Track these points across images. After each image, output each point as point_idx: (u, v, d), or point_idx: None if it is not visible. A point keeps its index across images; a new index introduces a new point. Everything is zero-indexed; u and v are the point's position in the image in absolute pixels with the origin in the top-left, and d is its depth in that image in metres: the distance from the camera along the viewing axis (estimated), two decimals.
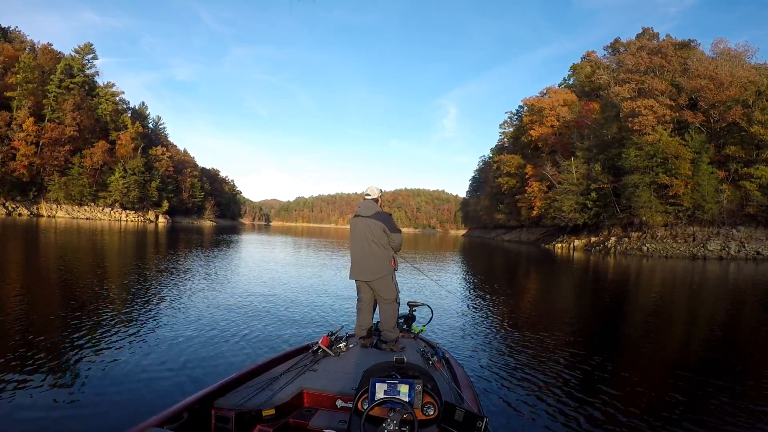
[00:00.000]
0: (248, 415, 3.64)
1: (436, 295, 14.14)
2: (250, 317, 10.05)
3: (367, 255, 5.75)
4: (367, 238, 5.74)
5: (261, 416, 3.70)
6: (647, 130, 53.97)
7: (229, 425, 3.51)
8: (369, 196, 6.03)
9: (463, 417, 3.14)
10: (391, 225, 5.83)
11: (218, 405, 3.67)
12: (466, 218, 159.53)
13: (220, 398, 3.76)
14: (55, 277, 14.51)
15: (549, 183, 71.26)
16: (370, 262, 5.75)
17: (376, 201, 6.02)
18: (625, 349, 9.29)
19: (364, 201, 6.03)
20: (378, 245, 5.74)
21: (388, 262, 5.83)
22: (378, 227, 5.73)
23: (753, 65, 56.08)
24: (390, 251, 5.87)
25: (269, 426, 3.63)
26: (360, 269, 5.84)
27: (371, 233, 5.73)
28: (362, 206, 5.96)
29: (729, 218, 51.07)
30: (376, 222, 5.74)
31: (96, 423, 4.81)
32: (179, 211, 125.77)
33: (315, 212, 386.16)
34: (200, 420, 3.51)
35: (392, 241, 5.85)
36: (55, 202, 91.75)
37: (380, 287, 5.78)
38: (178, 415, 3.32)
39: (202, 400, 3.61)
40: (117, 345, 7.43)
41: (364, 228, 5.76)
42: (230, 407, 3.63)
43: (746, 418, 5.63)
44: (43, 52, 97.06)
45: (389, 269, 5.82)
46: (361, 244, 5.80)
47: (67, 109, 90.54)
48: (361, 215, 5.87)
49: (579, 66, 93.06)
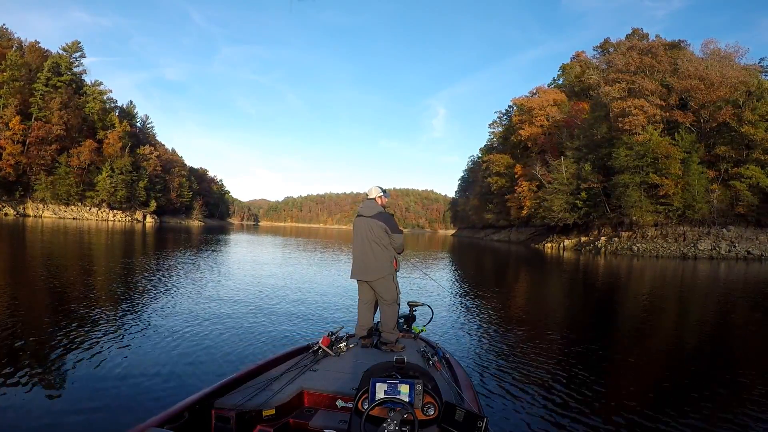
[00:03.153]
0: (248, 415, 3.63)
1: (435, 295, 14.23)
2: (249, 317, 10.06)
3: (368, 255, 5.75)
4: (369, 238, 5.73)
5: (261, 416, 3.69)
6: (637, 130, 54.34)
7: (230, 425, 3.49)
8: (370, 196, 6.01)
9: (463, 417, 3.13)
10: (393, 225, 5.83)
11: (218, 405, 3.65)
12: (455, 218, 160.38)
13: (221, 398, 3.74)
14: (45, 279, 14.28)
15: (538, 182, 71.46)
16: (371, 263, 5.74)
17: (378, 201, 5.98)
18: (621, 348, 9.39)
19: (366, 201, 6.02)
20: (379, 245, 5.74)
21: (389, 263, 5.81)
22: (379, 227, 5.73)
23: (743, 66, 56.57)
24: (391, 252, 5.86)
25: (269, 426, 3.63)
26: (361, 269, 5.83)
27: (372, 233, 5.73)
28: (364, 206, 5.95)
29: (719, 218, 51.49)
30: (377, 222, 5.74)
31: (96, 423, 4.77)
32: (167, 210, 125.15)
33: (304, 212, 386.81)
34: (200, 420, 3.49)
35: (393, 241, 5.85)
36: (41, 201, 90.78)
37: (381, 288, 5.77)
38: (178, 415, 3.30)
39: (202, 400, 3.58)
40: (117, 346, 7.39)
41: (366, 228, 5.76)
42: (230, 407, 3.61)
43: (740, 415, 5.68)
44: (31, 49, 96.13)
45: (390, 270, 5.81)
46: (362, 244, 5.79)
47: (54, 108, 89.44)
48: (363, 215, 5.85)
49: (568, 66, 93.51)
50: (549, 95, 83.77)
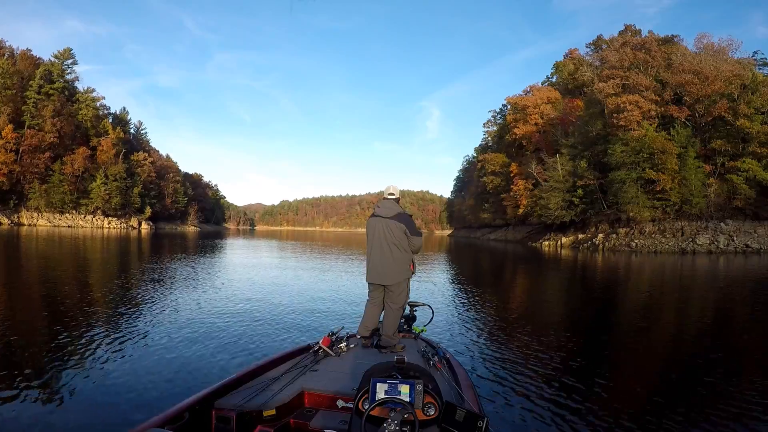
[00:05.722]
0: (249, 415, 3.64)
1: (436, 296, 14.28)
2: (249, 318, 10.06)
3: (387, 258, 5.56)
4: (388, 240, 5.53)
5: (262, 416, 3.70)
6: (632, 126, 54.42)
7: (230, 425, 3.51)
8: (392, 195, 5.81)
9: (463, 417, 3.15)
10: (413, 227, 5.63)
11: (219, 405, 3.66)
12: (452, 218, 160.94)
13: (221, 398, 3.76)
14: (41, 287, 14.19)
15: (534, 181, 71.56)
16: (390, 266, 5.57)
17: (398, 201, 5.80)
18: (622, 347, 9.37)
19: (384, 200, 5.79)
20: (399, 248, 5.55)
21: (408, 266, 5.66)
22: (399, 229, 5.53)
23: (737, 60, 56.63)
24: (410, 254, 5.69)
25: (270, 426, 3.65)
26: (378, 272, 5.64)
27: (392, 235, 5.53)
28: (382, 206, 5.72)
29: (717, 212, 51.63)
30: (397, 224, 5.55)
31: (97, 424, 4.78)
32: (162, 217, 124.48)
33: (299, 216, 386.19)
34: (201, 420, 3.50)
35: (413, 244, 5.66)
36: (35, 210, 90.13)
37: (394, 291, 5.60)
38: (179, 415, 3.31)
39: (202, 401, 3.59)
40: (117, 347, 7.39)
41: (384, 229, 5.56)
42: (231, 407, 3.61)
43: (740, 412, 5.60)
44: (22, 57, 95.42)
45: (408, 274, 5.68)
46: (380, 246, 5.59)
47: (47, 116, 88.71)
48: (380, 216, 5.63)
49: (562, 64, 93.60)
50: (543, 93, 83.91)
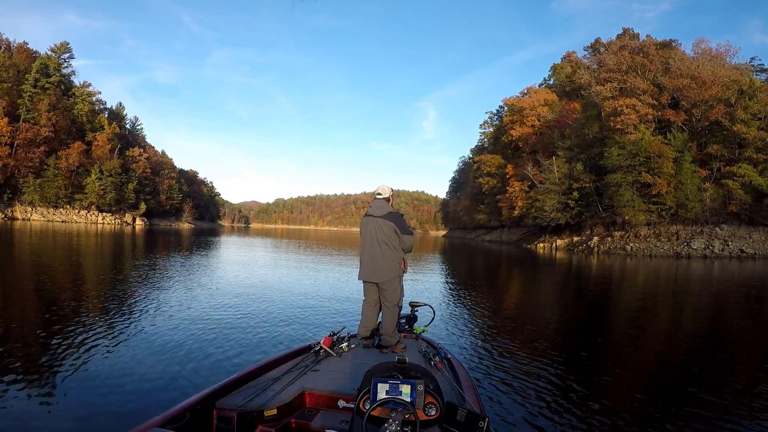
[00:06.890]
0: (250, 415, 3.64)
1: (436, 296, 14.34)
2: (249, 318, 10.02)
3: (377, 256, 5.65)
4: (378, 239, 5.63)
5: (263, 416, 3.71)
6: (629, 129, 54.49)
7: (231, 425, 3.51)
8: (380, 195, 5.90)
9: (464, 417, 3.15)
10: (403, 226, 5.74)
11: (220, 405, 3.66)
12: (446, 219, 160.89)
13: (222, 398, 3.76)
14: (36, 283, 14.08)
15: (530, 182, 71.69)
16: (380, 264, 5.64)
17: (388, 200, 5.89)
18: (621, 347, 9.37)
19: (375, 200, 5.91)
20: (389, 246, 5.65)
21: (398, 264, 5.73)
22: (390, 227, 5.64)
23: (734, 65, 56.78)
24: (401, 253, 5.78)
25: (271, 426, 3.65)
26: (370, 271, 5.72)
27: (382, 234, 5.63)
28: (373, 206, 5.84)
29: (712, 216, 51.71)
30: (387, 222, 5.65)
31: (98, 424, 4.76)
32: (157, 213, 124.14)
33: (294, 214, 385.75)
34: (202, 420, 3.50)
35: (403, 242, 5.76)
36: (29, 204, 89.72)
37: (387, 289, 5.66)
38: (179, 415, 3.30)
39: (203, 401, 3.59)
40: (116, 347, 7.35)
41: (376, 228, 5.65)
42: (232, 407, 3.62)
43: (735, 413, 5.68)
44: (19, 51, 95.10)
45: (399, 271, 5.74)
46: (371, 244, 5.68)
47: (43, 110, 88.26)
48: (372, 215, 5.74)
49: (559, 66, 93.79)
50: (540, 95, 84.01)
